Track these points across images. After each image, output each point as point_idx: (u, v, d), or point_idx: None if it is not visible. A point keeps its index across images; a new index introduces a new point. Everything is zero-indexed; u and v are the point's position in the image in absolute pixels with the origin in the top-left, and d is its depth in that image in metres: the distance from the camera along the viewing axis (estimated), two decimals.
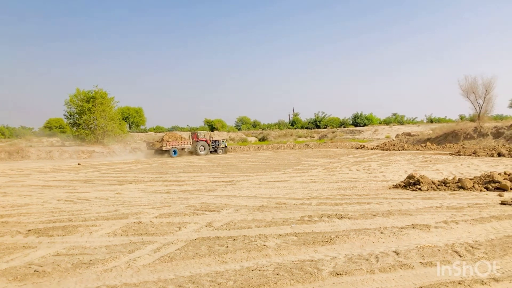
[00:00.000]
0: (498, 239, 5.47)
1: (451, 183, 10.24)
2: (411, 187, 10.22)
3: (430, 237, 5.66)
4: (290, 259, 4.85)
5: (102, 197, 10.50)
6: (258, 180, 13.43)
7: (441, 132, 41.36)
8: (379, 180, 12.61)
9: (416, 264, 4.50)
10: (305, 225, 6.63)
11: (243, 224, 6.84)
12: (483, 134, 37.10)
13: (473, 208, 7.60)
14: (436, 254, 4.85)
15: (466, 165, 17.09)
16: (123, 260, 5.05)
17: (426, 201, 8.47)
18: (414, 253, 4.93)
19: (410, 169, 15.84)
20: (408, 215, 7.17)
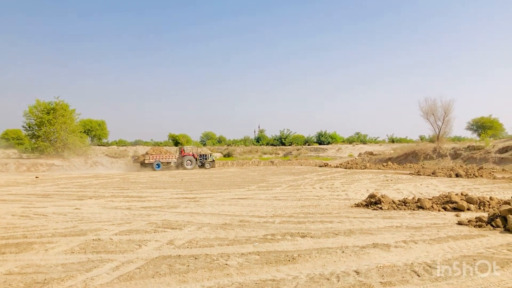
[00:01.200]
0: (454, 259, 5.60)
1: (411, 203, 10.49)
2: (372, 206, 10.40)
3: (390, 257, 5.75)
4: (252, 279, 4.81)
5: (60, 213, 10.17)
6: (222, 197, 13.34)
7: (402, 152, 42.49)
8: (342, 198, 12.77)
9: (376, 284, 4.54)
10: (268, 244, 6.61)
11: (205, 243, 6.76)
12: (442, 155, 38.32)
13: (432, 228, 7.79)
14: (395, 274, 4.93)
15: (426, 185, 17.56)
16: (80, 279, 4.88)
17: (386, 220, 8.62)
18: (374, 272, 4.99)
19: (372, 188, 16.13)
20: (369, 234, 7.28)
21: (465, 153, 36.81)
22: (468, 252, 5.98)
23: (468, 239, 6.88)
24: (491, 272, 4.98)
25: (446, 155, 38.04)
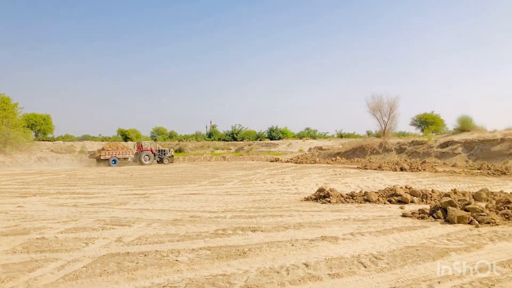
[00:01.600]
0: (399, 250, 5.84)
1: (358, 196, 10.81)
2: (321, 199, 10.63)
3: (338, 249, 5.90)
4: (203, 274, 4.80)
5: (1, 211, 9.70)
6: (172, 193, 13.19)
7: (350, 147, 43.63)
8: (292, 192, 12.97)
9: (325, 276, 4.66)
10: (219, 239, 6.61)
11: (155, 239, 6.66)
12: (388, 150, 39.67)
13: (378, 220, 8.07)
14: (343, 266, 5.07)
15: (372, 178, 18.13)
16: (22, 279, 4.69)
17: (335, 214, 8.84)
18: (323, 265, 5.11)
19: (321, 182, 16.47)
20: (318, 227, 7.44)
21: (409, 148, 38.28)
22: (411, 243, 6.24)
23: (412, 230, 7.18)
24: (433, 261, 5.22)
25: (391, 150, 39.41)
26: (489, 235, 6.72)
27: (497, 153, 31.15)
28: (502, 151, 31.05)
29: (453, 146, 34.84)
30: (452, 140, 36.08)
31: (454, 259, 5.33)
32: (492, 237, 6.61)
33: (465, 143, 34.57)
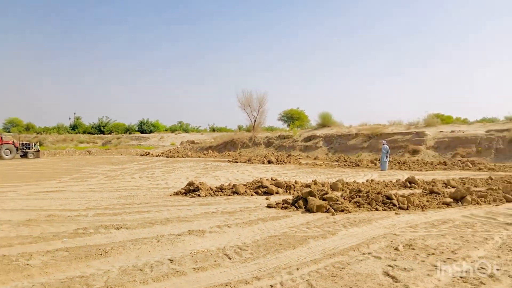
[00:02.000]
0: (262, 240, 6.05)
1: (227, 189, 11.00)
2: (191, 193, 10.58)
3: (204, 242, 5.91)
4: (58, 277, 4.43)
5: None
6: (27, 191, 12.00)
7: (221, 140, 44.32)
8: (162, 187, 12.71)
9: (189, 270, 4.61)
10: (79, 239, 6.18)
11: (3, 242, 5.98)
12: (257, 143, 41.12)
13: (244, 212, 8.28)
14: (208, 259, 5.08)
15: (242, 171, 18.63)
16: None
17: (203, 207, 8.87)
18: (188, 259, 5.06)
19: (192, 176, 16.44)
20: (185, 221, 7.38)
21: (276, 142, 40.13)
22: (274, 233, 6.51)
23: (275, 220, 7.50)
24: (293, 249, 5.50)
25: (260, 144, 40.93)
26: (343, 222, 7.31)
27: (352, 147, 34.17)
28: (357, 145, 34.16)
29: (315, 140, 37.35)
30: (314, 135, 38.67)
31: (312, 246, 5.68)
32: (345, 223, 7.20)
33: (325, 138, 37.28)
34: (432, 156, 28.55)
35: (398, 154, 29.96)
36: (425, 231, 6.69)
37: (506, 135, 27.54)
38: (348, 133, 36.51)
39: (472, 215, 8.15)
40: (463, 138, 29.16)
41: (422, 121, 35.62)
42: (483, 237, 6.20)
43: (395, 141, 31.77)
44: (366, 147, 33.19)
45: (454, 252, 5.37)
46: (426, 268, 4.68)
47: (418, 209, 8.75)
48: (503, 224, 7.22)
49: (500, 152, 26.64)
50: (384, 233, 6.50)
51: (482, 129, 30.55)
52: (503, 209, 8.84)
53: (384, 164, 20.97)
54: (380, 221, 7.45)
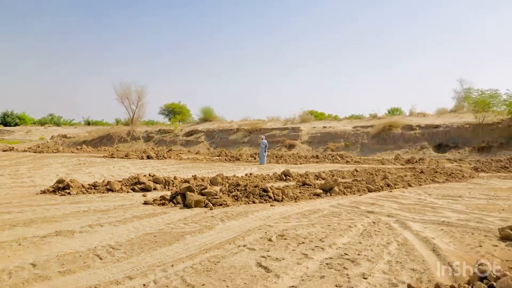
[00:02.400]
0: (137, 238, 5.85)
1: (101, 186, 10.45)
2: (60, 191, 9.85)
3: (73, 243, 5.53)
4: None
5: None
6: None
7: (97, 135, 42.14)
8: (27, 185, 11.63)
9: (54, 274, 4.27)
10: None
11: None
12: (136, 138, 39.86)
13: (119, 210, 7.94)
14: (77, 260, 4.76)
15: (118, 167, 17.87)
16: None
17: (74, 206, 8.31)
18: (53, 262, 4.69)
19: (63, 172, 15.35)
20: (53, 222, 6.84)
21: (156, 136, 39.30)
22: (150, 230, 6.34)
23: (152, 217, 7.31)
24: (169, 246, 5.40)
25: (139, 138, 39.75)
26: (221, 216, 7.39)
27: (234, 141, 34.84)
28: (237, 140, 34.89)
29: (197, 135, 37.36)
30: (196, 129, 38.66)
31: (189, 242, 5.64)
32: (223, 217, 7.28)
33: (207, 132, 37.49)
34: (306, 150, 30.29)
35: (276, 149, 31.26)
36: (297, 221, 7.05)
37: (370, 130, 30.29)
38: (229, 128, 37.15)
39: (339, 204, 8.79)
40: (333, 133, 31.41)
41: (298, 117, 37.66)
42: (348, 225, 6.72)
43: (273, 136, 33.10)
44: (246, 142, 34.07)
45: (322, 240, 5.73)
46: (297, 257, 4.92)
47: (291, 201, 9.20)
48: (365, 212, 7.91)
49: (364, 146, 29.20)
50: (259, 225, 6.70)
51: (350, 125, 33.22)
52: (366, 198, 9.70)
53: (263, 158, 21.73)
54: (256, 214, 7.68)
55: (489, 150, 24.87)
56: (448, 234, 6.12)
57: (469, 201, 9.27)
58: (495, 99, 27.46)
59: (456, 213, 7.80)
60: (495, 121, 26.88)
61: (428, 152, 26.41)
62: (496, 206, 8.65)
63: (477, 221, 7.05)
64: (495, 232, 6.10)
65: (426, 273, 4.33)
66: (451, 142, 26.94)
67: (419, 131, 28.60)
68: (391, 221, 7.05)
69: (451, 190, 11.27)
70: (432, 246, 5.41)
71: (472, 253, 5.11)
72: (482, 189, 11.53)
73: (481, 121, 26.92)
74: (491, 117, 27.07)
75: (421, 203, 8.98)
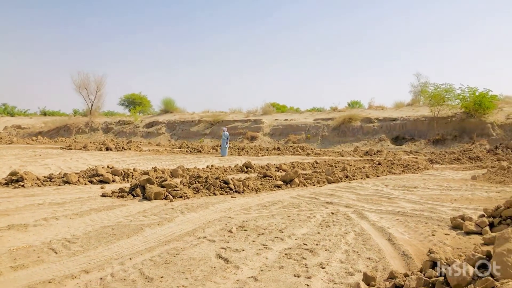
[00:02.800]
0: (94, 231, 5.73)
1: (57, 178, 10.15)
2: (13, 184, 9.48)
3: (27, 237, 5.35)
4: None
5: None
6: None
7: (53, 125, 40.90)
8: None
9: (6, 269, 4.12)
10: None
11: None
12: (95, 129, 38.95)
13: (76, 203, 7.74)
14: (30, 255, 4.61)
15: (76, 159, 17.40)
16: None
17: (28, 199, 8.04)
18: (5, 257, 4.52)
19: (17, 164, 14.79)
20: (5, 215, 6.59)
21: (116, 127, 38.54)
22: (108, 223, 6.22)
23: (110, 210, 7.18)
24: (127, 239, 5.32)
25: (98, 129, 38.86)
26: (181, 208, 7.34)
27: (195, 133, 34.63)
28: (199, 131, 34.72)
29: (158, 126, 36.89)
30: (157, 121, 38.17)
31: (148, 234, 5.58)
32: (183, 209, 7.24)
33: (168, 124, 37.08)
34: (268, 142, 30.48)
35: (238, 140, 31.30)
36: (257, 212, 7.10)
37: (330, 123, 30.79)
38: (191, 120, 36.87)
39: (299, 196, 8.92)
40: (294, 126, 31.74)
41: (260, 109, 37.77)
42: (307, 216, 6.83)
43: (236, 128, 33.10)
44: (208, 134, 33.95)
45: (281, 231, 5.80)
46: (256, 247, 4.96)
47: (252, 192, 9.25)
48: (324, 203, 8.05)
49: (325, 138, 29.67)
50: (220, 217, 6.71)
51: (311, 117, 33.63)
52: (325, 189, 9.87)
53: (225, 150, 21.71)
54: (217, 205, 7.68)
55: (443, 143, 25.83)
56: (403, 224, 6.32)
57: (424, 192, 9.60)
58: (449, 93, 28.50)
59: (411, 204, 8.06)
60: (449, 114, 27.91)
61: (386, 144, 27.14)
62: (449, 196, 8.99)
63: (431, 211, 7.31)
64: (447, 222, 6.35)
65: (381, 261, 4.46)
66: (407, 135, 27.79)
67: (378, 124, 29.32)
68: (349, 212, 7.22)
69: (407, 181, 11.64)
70: (388, 235, 5.58)
71: (425, 241, 5.30)
72: (436, 180, 11.97)
73: (436, 115, 27.87)
74: (445, 111, 28.07)
75: (378, 194, 9.23)
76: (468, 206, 7.86)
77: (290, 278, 3.97)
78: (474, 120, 26.54)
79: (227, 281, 3.88)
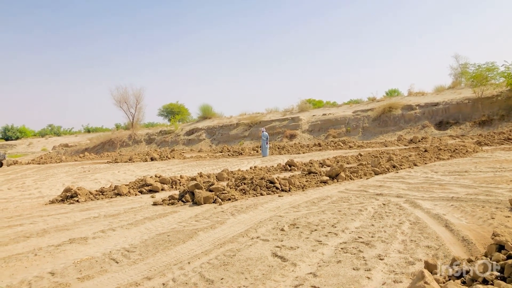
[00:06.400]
0: (151, 239, 5.87)
1: (108, 191, 10.48)
2: (68, 200, 9.88)
3: (88, 249, 5.56)
4: None
5: None
6: None
7: (98, 141, 42.17)
8: (35, 197, 11.67)
9: (73, 281, 4.30)
10: None
11: None
12: (138, 141, 39.89)
13: (129, 213, 7.97)
14: (94, 266, 4.79)
15: (123, 171, 17.90)
16: None
17: (84, 213, 8.34)
18: (71, 269, 4.72)
19: (69, 181, 15.38)
20: (65, 230, 6.87)
21: (158, 138, 39.33)
22: (163, 230, 6.37)
23: (163, 217, 7.34)
24: (183, 244, 5.43)
25: (141, 141, 39.78)
26: (231, 210, 7.42)
27: (234, 136, 34.84)
28: (238, 134, 34.89)
29: (198, 133, 37.37)
30: (196, 128, 38.68)
31: (202, 238, 5.67)
32: (233, 211, 7.31)
33: (207, 129, 37.50)
34: (307, 139, 30.29)
35: (277, 140, 31.27)
36: (307, 209, 7.07)
37: (370, 114, 30.26)
38: (229, 124, 37.14)
39: (347, 190, 8.82)
40: (333, 120, 31.39)
41: (296, 107, 37.66)
42: (358, 209, 6.74)
43: (273, 127, 33.09)
44: (247, 136, 34.08)
45: (334, 226, 5.76)
46: (311, 244, 4.95)
47: (299, 190, 9.22)
48: (374, 195, 7.93)
49: (366, 130, 29.18)
50: (270, 216, 6.73)
51: (349, 110, 33.18)
52: (373, 181, 9.71)
53: (265, 150, 21.74)
54: (265, 205, 7.71)
55: (490, 124, 24.87)
56: (458, 209, 6.14)
57: (476, 175, 9.29)
58: (492, 72, 27.40)
59: (464, 188, 7.82)
60: (494, 94, 26.84)
61: (429, 130, 26.41)
62: (504, 178, 8.66)
63: (486, 194, 7.07)
64: (506, 204, 6.13)
65: (441, 249, 4.36)
66: (451, 119, 26.92)
67: (419, 111, 28.58)
68: (401, 202, 7.08)
69: (457, 166, 11.29)
70: (445, 222, 5.44)
71: (485, 225, 5.13)
72: (487, 162, 11.55)
73: (480, 95, 26.88)
74: (489, 90, 27.01)
75: (428, 181, 9.00)
76: None
77: (350, 272, 3.94)
78: None
79: (287, 279, 3.89)
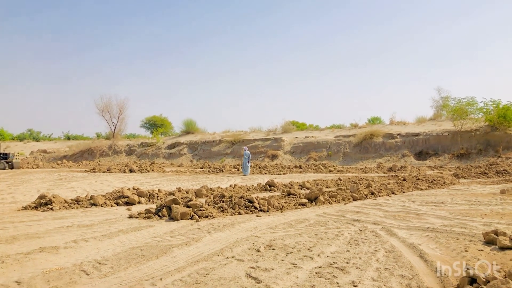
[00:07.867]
0: (124, 252, 5.76)
1: (84, 201, 10.30)
2: (42, 207, 9.67)
3: (58, 259, 5.42)
4: None
5: None
6: None
7: (77, 149, 41.66)
8: (7, 202, 11.39)
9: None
10: None
11: None
12: (118, 152, 39.49)
13: (103, 224, 7.82)
14: (63, 277, 4.67)
15: (101, 181, 17.65)
16: None
17: (57, 221, 8.16)
18: (39, 279, 4.59)
19: (44, 188, 15.08)
20: (36, 238, 6.70)
21: (139, 149, 39.02)
22: (137, 244, 6.26)
23: (138, 231, 7.22)
24: (156, 259, 5.34)
25: (121, 152, 39.40)
26: (207, 228, 7.34)
27: (216, 153, 34.78)
28: (220, 151, 34.84)
29: (179, 147, 37.20)
30: (179, 142, 38.51)
31: (176, 254, 5.59)
32: (210, 229, 7.24)
33: (190, 144, 37.37)
34: (289, 160, 30.40)
35: (259, 159, 31.31)
36: (284, 231, 7.05)
37: (352, 140, 30.59)
38: (212, 140, 37.11)
39: (325, 213, 8.83)
40: (315, 143, 31.62)
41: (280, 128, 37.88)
42: (335, 234, 6.75)
43: (256, 146, 33.16)
44: (229, 153, 34.05)
45: (310, 249, 5.74)
46: (286, 266, 4.92)
47: (277, 211, 9.20)
48: (351, 220, 7.96)
49: (347, 155, 29.45)
50: (246, 236, 6.68)
51: (332, 134, 33.50)
52: (351, 207, 9.76)
53: (246, 169, 21.73)
54: (242, 225, 7.66)
55: (468, 157, 25.36)
56: (433, 240, 6.20)
57: (452, 207, 9.41)
58: (472, 106, 28.10)
59: (440, 219, 7.91)
60: (473, 128, 27.45)
61: (409, 160, 26.78)
62: (479, 211, 8.79)
63: (461, 226, 7.16)
64: (479, 237, 6.20)
65: (415, 279, 4.37)
66: (431, 150, 27.38)
67: (400, 140, 29.00)
68: (377, 229, 7.11)
69: (434, 196, 11.44)
70: (419, 252, 5.47)
71: (459, 258, 5.18)
72: (463, 195, 11.72)
73: (459, 129, 27.46)
74: (469, 124, 27.63)
75: (405, 210, 9.08)
76: (500, 220, 7.67)
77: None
78: (499, 133, 26.05)
79: None
